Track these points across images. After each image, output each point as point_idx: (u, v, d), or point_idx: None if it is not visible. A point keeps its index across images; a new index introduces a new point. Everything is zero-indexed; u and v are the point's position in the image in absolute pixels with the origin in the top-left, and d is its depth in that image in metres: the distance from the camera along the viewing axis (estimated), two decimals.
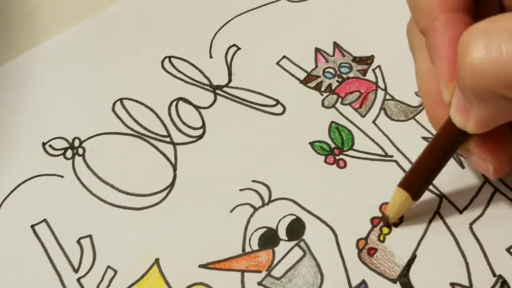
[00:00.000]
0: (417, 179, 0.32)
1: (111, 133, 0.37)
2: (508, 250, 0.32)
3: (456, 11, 0.29)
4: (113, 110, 0.37)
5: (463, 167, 0.35)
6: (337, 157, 0.36)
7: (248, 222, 0.34)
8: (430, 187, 0.34)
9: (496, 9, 0.31)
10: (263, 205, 0.34)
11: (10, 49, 0.40)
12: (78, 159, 0.36)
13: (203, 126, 0.37)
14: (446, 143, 0.30)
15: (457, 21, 0.29)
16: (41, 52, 0.40)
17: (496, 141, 0.30)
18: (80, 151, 0.36)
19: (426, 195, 0.34)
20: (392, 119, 0.37)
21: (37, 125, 0.37)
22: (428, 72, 0.32)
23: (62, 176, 0.35)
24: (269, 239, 0.33)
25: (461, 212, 0.33)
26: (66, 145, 0.36)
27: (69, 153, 0.36)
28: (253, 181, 0.35)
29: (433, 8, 0.29)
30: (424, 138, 0.36)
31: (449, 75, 0.28)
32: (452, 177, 0.34)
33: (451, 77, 0.28)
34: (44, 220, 0.34)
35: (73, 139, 0.36)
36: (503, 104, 0.25)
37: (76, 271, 0.32)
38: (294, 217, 0.34)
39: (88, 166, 0.36)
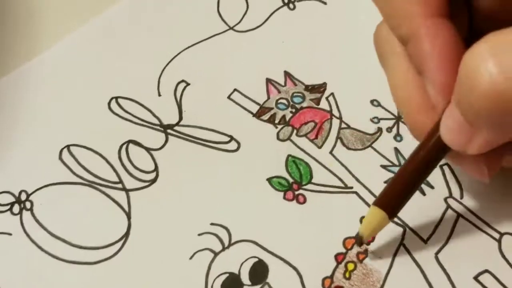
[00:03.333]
0: (395, 196, 0.31)
1: (60, 183, 0.35)
2: (475, 278, 0.32)
3: (439, 16, 0.28)
4: (60, 159, 0.36)
5: (424, 194, 0.34)
6: (296, 192, 0.35)
7: (209, 268, 0.32)
8: None
9: (462, 10, 0.30)
10: (224, 249, 0.33)
11: None
12: (26, 214, 0.34)
13: (156, 169, 0.36)
14: (428, 158, 0.30)
15: (443, 27, 0.28)
16: None
17: None
18: (28, 205, 0.34)
19: (390, 227, 0.33)
20: (349, 148, 0.36)
21: None
22: (405, 79, 0.30)
23: (10, 234, 0.33)
24: (231, 285, 0.32)
25: (425, 242, 0.33)
26: (12, 199, 0.34)
27: (16, 208, 0.34)
28: (212, 224, 0.34)
29: (415, 14, 0.28)
30: (383, 167, 0.35)
31: (444, 84, 0.27)
32: (414, 205, 0.34)
33: (446, 86, 0.27)
34: None
35: (20, 192, 0.35)
36: None
37: None
38: (257, 259, 0.33)
39: (37, 221, 0.34)
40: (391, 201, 0.31)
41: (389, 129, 0.37)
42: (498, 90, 0.23)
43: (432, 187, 0.35)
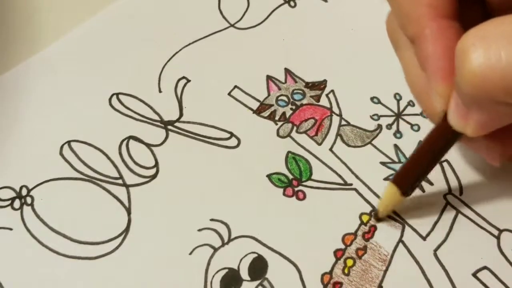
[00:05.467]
0: (408, 175, 0.32)
1: (60, 178, 0.35)
2: (474, 275, 0.32)
3: (446, 18, 0.28)
4: (61, 154, 0.36)
5: (423, 191, 0.34)
6: (296, 189, 0.35)
7: (209, 264, 0.33)
8: (392, 214, 0.34)
9: (478, 10, 0.31)
10: (223, 244, 0.33)
11: None
12: (26, 209, 0.34)
13: (156, 165, 0.36)
14: (441, 142, 0.30)
15: (448, 29, 0.28)
16: None
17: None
18: (29, 200, 0.34)
19: (389, 224, 0.33)
20: (349, 145, 0.36)
21: None
22: (418, 70, 0.30)
23: (10, 229, 0.34)
24: (231, 280, 0.32)
25: (424, 238, 0.33)
26: (13, 194, 0.35)
27: (16, 203, 0.34)
28: (211, 219, 0.34)
29: (422, 15, 0.28)
30: (383, 163, 0.35)
31: (443, 84, 0.28)
32: (413, 202, 0.34)
33: (445, 86, 0.28)
34: None
35: (20, 188, 0.35)
36: (503, 109, 0.25)
37: None
38: (256, 255, 0.33)
39: (38, 216, 0.34)
40: (405, 179, 0.32)
41: (389, 126, 0.37)
42: (481, 76, 0.24)
43: (431, 183, 0.35)
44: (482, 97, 0.25)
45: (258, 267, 0.32)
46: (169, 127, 0.37)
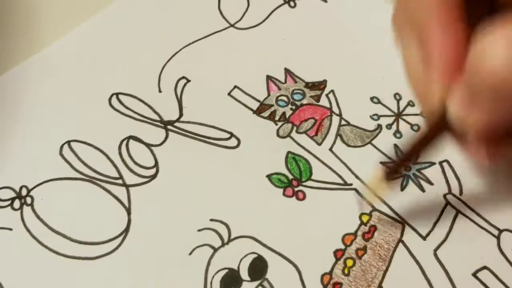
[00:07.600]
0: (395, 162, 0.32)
1: (60, 178, 0.35)
2: (474, 274, 0.32)
3: (455, 9, 0.28)
4: (61, 154, 0.36)
5: (423, 191, 0.34)
6: (296, 189, 0.35)
7: (209, 264, 0.33)
8: (392, 214, 0.34)
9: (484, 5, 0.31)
10: (223, 244, 0.33)
11: None
12: (26, 209, 0.34)
13: (156, 164, 0.36)
14: (429, 136, 0.30)
15: (457, 22, 0.28)
16: None
17: None
18: (29, 200, 0.34)
19: (389, 224, 0.33)
20: (349, 145, 0.36)
21: None
22: (420, 68, 0.30)
23: (10, 229, 0.34)
24: (231, 281, 0.32)
25: (424, 238, 0.33)
26: (13, 194, 0.35)
27: (16, 203, 0.34)
28: (211, 220, 0.34)
29: (433, 5, 0.28)
30: (382, 163, 0.35)
31: (450, 74, 0.28)
32: (413, 202, 0.34)
33: (451, 76, 0.28)
34: None
35: (20, 188, 0.35)
36: None
37: None
38: (256, 255, 0.33)
39: (38, 216, 0.34)
40: (390, 166, 0.32)
41: (388, 126, 0.37)
42: (502, 77, 0.24)
43: (431, 183, 0.35)
44: (504, 92, 0.25)
45: (258, 267, 0.32)
46: (169, 127, 0.37)
